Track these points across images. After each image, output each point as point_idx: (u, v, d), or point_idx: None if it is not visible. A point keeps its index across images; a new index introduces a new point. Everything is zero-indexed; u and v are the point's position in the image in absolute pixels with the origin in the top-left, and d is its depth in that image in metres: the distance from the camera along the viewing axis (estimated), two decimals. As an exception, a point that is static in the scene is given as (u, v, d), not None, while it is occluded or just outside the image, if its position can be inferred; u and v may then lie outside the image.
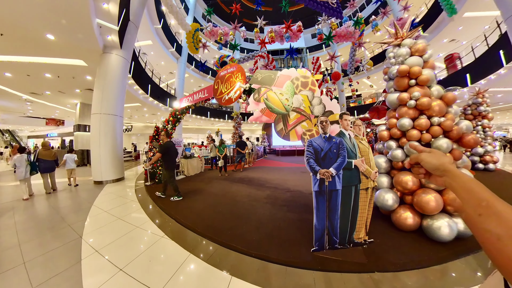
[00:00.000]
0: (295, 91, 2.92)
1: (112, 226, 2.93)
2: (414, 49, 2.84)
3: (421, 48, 2.81)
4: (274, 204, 3.86)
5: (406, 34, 3.02)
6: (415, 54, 2.84)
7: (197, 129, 25.58)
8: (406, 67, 2.79)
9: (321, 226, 2.20)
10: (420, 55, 2.83)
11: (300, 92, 2.90)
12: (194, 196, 4.49)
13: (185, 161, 7.30)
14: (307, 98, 2.84)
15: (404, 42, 2.95)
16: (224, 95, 3.75)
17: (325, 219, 2.19)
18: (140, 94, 10.56)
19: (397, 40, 3.04)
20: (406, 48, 2.89)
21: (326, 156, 2.18)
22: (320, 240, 2.21)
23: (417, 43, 2.86)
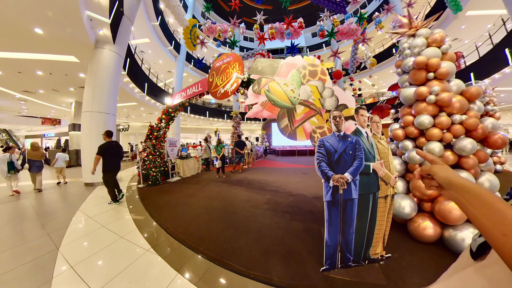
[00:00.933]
0: (302, 81, 2.53)
1: (94, 236, 2.61)
2: (431, 39, 2.56)
3: (439, 38, 2.54)
4: (276, 210, 3.54)
5: (421, 23, 2.75)
6: (432, 45, 2.57)
7: (196, 128, 25.27)
8: (424, 58, 2.49)
9: (333, 242, 1.86)
10: (438, 46, 2.56)
11: (308, 82, 2.48)
12: (188, 200, 4.17)
13: (181, 162, 6.98)
14: (316, 89, 2.42)
15: (420, 32, 2.68)
16: (220, 88, 3.42)
17: (338, 234, 1.85)
18: (137, 92, 10.27)
19: (411, 30, 2.75)
20: (422, 39, 2.61)
21: (340, 159, 1.84)
22: (332, 258, 1.87)
23: (434, 32, 2.58)
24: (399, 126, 2.91)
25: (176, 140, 6.87)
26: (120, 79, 6.57)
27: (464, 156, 2.24)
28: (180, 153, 7.38)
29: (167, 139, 6.42)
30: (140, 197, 4.37)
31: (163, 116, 6.11)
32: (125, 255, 2.16)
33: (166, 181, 6.13)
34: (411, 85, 2.71)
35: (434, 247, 2.16)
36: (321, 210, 3.47)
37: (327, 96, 2.51)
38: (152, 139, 5.99)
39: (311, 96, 2.53)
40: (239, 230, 2.76)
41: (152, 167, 5.65)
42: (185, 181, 6.15)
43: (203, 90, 4.26)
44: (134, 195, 4.59)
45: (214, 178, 6.59)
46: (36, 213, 3.55)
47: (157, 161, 5.85)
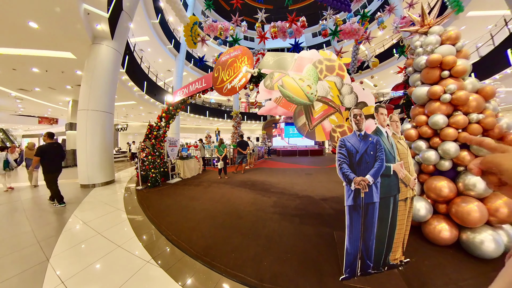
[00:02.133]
0: (319, 76, 2.34)
1: (89, 245, 2.38)
2: (445, 37, 2.49)
3: (453, 36, 2.46)
4: (284, 214, 3.34)
5: (434, 21, 2.65)
6: (446, 42, 2.49)
7: (196, 128, 25.00)
8: (439, 56, 2.40)
9: (354, 250, 1.73)
10: (453, 43, 2.47)
11: (326, 78, 2.32)
12: (191, 203, 3.94)
13: (181, 163, 6.74)
14: (334, 85, 2.25)
15: (432, 30, 2.59)
16: (226, 83, 3.20)
17: (359, 240, 1.73)
18: (136, 91, 10.02)
19: (424, 28, 2.66)
20: (435, 36, 2.53)
21: (362, 160, 1.73)
22: (352, 265, 1.74)
23: (448, 30, 2.50)
24: (411, 126, 2.80)
25: (176, 140, 6.65)
26: (118, 76, 6.34)
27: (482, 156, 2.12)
28: (180, 154, 7.15)
29: (167, 139, 6.19)
30: (139, 200, 4.14)
31: (163, 115, 5.87)
32: (123, 268, 1.94)
33: (166, 182, 5.90)
34: (423, 84, 2.62)
35: (451, 250, 2.08)
36: (331, 212, 3.36)
37: (346, 93, 2.35)
38: (152, 138, 5.76)
39: (330, 93, 2.35)
40: (247, 236, 2.55)
41: (152, 168, 5.42)
42: (186, 183, 5.92)
43: (207, 86, 4.03)
44: (132, 198, 4.35)
45: (216, 179, 6.36)
46: (27, 217, 3.31)
47: (156, 162, 5.63)
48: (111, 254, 2.17)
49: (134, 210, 3.56)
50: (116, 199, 4.28)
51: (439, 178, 2.32)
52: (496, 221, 2.02)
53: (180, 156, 7.06)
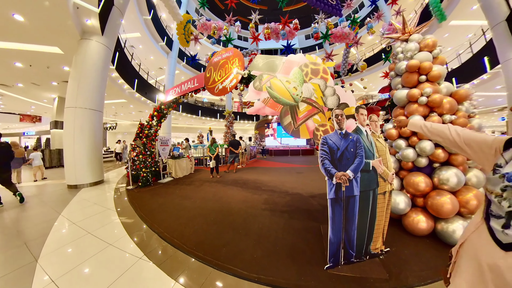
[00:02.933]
0: (305, 79, 2.52)
1: (79, 244, 2.36)
2: (423, 44, 2.72)
3: (431, 43, 2.70)
4: (274, 210, 3.46)
5: (414, 29, 2.88)
6: (424, 49, 2.73)
7: (188, 128, 24.69)
8: (417, 62, 2.64)
9: (337, 239, 1.87)
10: (430, 50, 2.72)
11: (311, 80, 2.51)
12: (183, 201, 3.97)
13: (172, 162, 6.69)
14: (318, 87, 2.45)
15: (412, 37, 2.83)
16: (218, 84, 3.27)
17: (341, 231, 1.85)
18: (126, 89, 9.80)
19: (405, 35, 2.89)
20: (415, 43, 2.75)
21: (342, 156, 1.87)
22: (335, 255, 1.88)
23: (426, 38, 2.74)
24: (392, 126, 3.01)
25: (168, 139, 6.59)
26: (108, 73, 6.20)
27: (454, 154, 2.40)
28: (172, 153, 7.09)
29: (158, 138, 6.14)
30: (130, 199, 4.10)
31: (154, 113, 5.82)
32: (115, 265, 1.96)
33: (158, 182, 5.85)
34: (404, 87, 2.83)
35: (428, 240, 2.28)
36: (319, 208, 3.53)
37: (329, 95, 2.54)
38: (143, 137, 5.71)
39: (314, 94, 2.52)
40: (238, 232, 2.64)
41: (143, 167, 5.36)
42: (178, 182, 5.90)
43: (199, 86, 4.07)
44: (123, 197, 4.29)
45: (208, 179, 6.39)
46: (12, 219, 3.20)
47: (147, 161, 5.57)
48: (102, 252, 2.18)
49: (125, 210, 3.54)
50: (105, 199, 4.21)
51: (416, 174, 2.54)
52: (467, 212, 2.23)
53: (171, 156, 7.01)
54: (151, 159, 5.73)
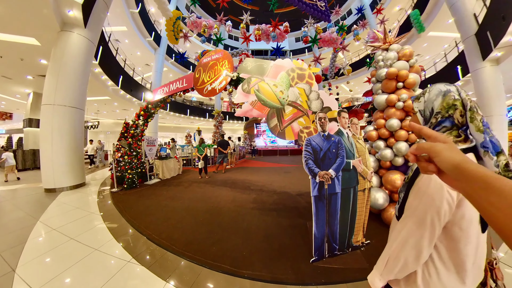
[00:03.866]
0: (291, 83, 2.65)
1: (61, 251, 2.23)
2: (401, 54, 2.95)
3: (408, 53, 2.94)
4: (262, 209, 3.54)
5: (394, 39, 3.13)
6: (402, 58, 2.96)
7: (175, 127, 24.08)
8: (395, 70, 2.86)
9: (321, 234, 1.99)
10: (407, 60, 2.95)
11: (297, 85, 2.64)
12: (171, 203, 3.90)
13: (159, 163, 6.52)
14: (304, 91, 2.59)
15: (392, 47, 3.05)
16: (207, 85, 3.28)
17: (325, 226, 1.98)
18: (110, 85, 9.37)
19: (385, 45, 3.13)
20: (394, 53, 2.99)
21: (325, 157, 2.01)
22: (320, 248, 2.01)
23: (404, 48, 2.97)
24: (373, 128, 3.28)
25: (154, 139, 6.41)
26: (90, 69, 5.90)
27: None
28: (159, 153, 6.90)
29: (145, 138, 5.96)
30: (115, 202, 3.94)
31: (141, 113, 5.65)
32: (103, 269, 1.91)
33: (144, 183, 5.68)
34: (383, 92, 3.06)
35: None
36: (305, 206, 3.67)
37: (314, 99, 2.68)
38: (128, 137, 5.50)
39: (299, 98, 2.64)
40: (227, 231, 2.68)
41: (128, 169, 5.17)
42: (165, 183, 5.77)
43: (188, 86, 4.03)
44: (107, 201, 4.11)
45: (196, 179, 6.32)
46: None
47: (133, 162, 5.38)
48: (88, 258, 2.09)
49: (110, 213, 3.40)
50: (88, 202, 4.00)
51: (394, 172, 2.77)
52: None
53: (158, 156, 6.82)
54: (137, 160, 5.55)
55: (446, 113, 0.66)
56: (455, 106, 0.64)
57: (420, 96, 0.74)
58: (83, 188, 5.19)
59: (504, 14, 5.06)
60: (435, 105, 0.68)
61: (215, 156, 10.20)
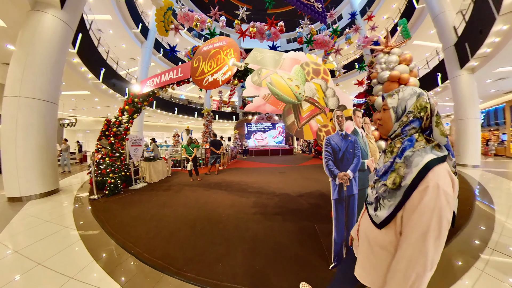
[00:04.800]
0: (307, 78, 2.41)
1: (25, 282, 1.71)
2: (402, 58, 3.06)
3: (408, 58, 3.05)
4: (265, 213, 3.29)
5: (395, 44, 3.23)
6: (403, 63, 3.05)
7: (162, 126, 22.97)
8: (398, 73, 2.95)
9: (341, 239, 1.87)
10: (407, 64, 3.05)
11: (312, 80, 2.41)
12: (162, 211, 3.44)
13: (146, 165, 5.92)
14: (320, 88, 2.38)
15: (393, 51, 3.14)
16: (207, 75, 2.91)
17: (344, 229, 1.87)
18: (90, 79, 8.49)
19: (387, 48, 3.22)
20: (395, 56, 3.07)
21: (343, 157, 1.90)
22: (339, 254, 1.89)
23: (405, 53, 3.07)
24: (374, 128, 3.27)
25: (140, 138, 5.82)
26: (66, 58, 5.19)
27: None
28: (145, 154, 6.28)
29: (129, 137, 5.35)
30: (94, 212, 3.37)
31: (126, 107, 5.03)
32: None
33: (129, 188, 5.06)
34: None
35: None
36: (308, 207, 3.55)
37: (330, 96, 2.53)
38: (110, 136, 4.88)
39: (316, 94, 2.42)
40: (232, 242, 2.36)
41: (110, 172, 4.54)
42: (153, 188, 5.22)
43: (184, 77, 3.59)
44: (86, 210, 3.53)
45: (187, 182, 5.85)
46: None
47: (116, 165, 4.76)
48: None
49: (89, 226, 2.86)
50: (62, 214, 3.37)
51: None
52: None
53: (145, 158, 6.20)
54: (120, 162, 4.94)
55: (418, 114, 0.70)
56: (426, 109, 0.69)
57: (394, 94, 0.77)
58: (56, 196, 4.44)
59: (481, 28, 5.61)
60: (409, 104, 0.71)
61: (206, 157, 9.71)
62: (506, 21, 4.92)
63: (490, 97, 11.49)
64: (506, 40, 5.41)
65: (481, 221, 2.74)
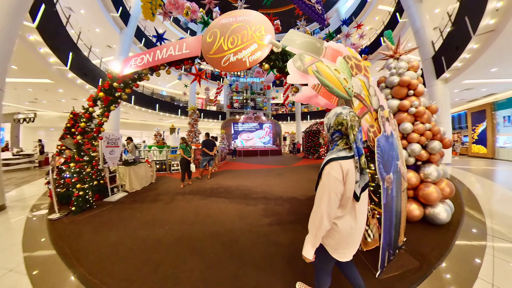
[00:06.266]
0: (352, 72, 1.99)
1: None
2: (410, 65, 3.21)
3: (416, 65, 3.19)
4: (282, 223, 2.89)
5: (403, 51, 3.37)
6: (411, 69, 3.19)
7: (141, 124, 21.03)
8: (408, 78, 3.06)
9: (386, 244, 1.76)
10: (415, 71, 3.19)
11: (357, 75, 2.08)
12: (153, 232, 2.65)
13: (125, 170, 4.81)
14: (364, 85, 2.05)
15: (402, 57, 3.29)
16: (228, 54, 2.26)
17: (387, 234, 1.76)
18: (53, 64, 7.02)
19: (397, 54, 3.36)
20: (405, 63, 3.20)
21: (388, 159, 1.82)
22: (383, 260, 1.78)
23: (412, 60, 3.23)
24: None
25: (118, 137, 4.74)
26: (18, 32, 4.02)
27: (433, 154, 2.96)
28: (122, 157, 5.06)
29: (103, 135, 4.23)
30: (55, 241, 2.42)
31: (99, 95, 3.83)
32: None
33: (104, 201, 4.05)
34: (393, 98, 3.27)
35: (421, 224, 2.72)
36: None
37: (373, 95, 2.19)
38: (76, 134, 3.75)
39: (362, 91, 2.04)
40: (262, 267, 1.85)
41: (77, 182, 3.46)
42: (136, 198, 4.27)
43: (191, 54, 2.74)
44: (41, 236, 2.56)
45: (178, 189, 5.02)
46: None
47: (84, 171, 3.64)
48: None
49: (45, 263, 1.99)
50: (6, 245, 2.38)
51: (408, 171, 2.89)
52: (443, 197, 2.81)
53: (124, 161, 5.08)
54: (91, 168, 3.81)
55: (336, 127, 1.08)
56: (343, 123, 1.05)
57: (326, 114, 1.17)
58: (1, 215, 3.31)
59: (457, 45, 6.46)
60: (331, 121, 1.11)
61: (195, 159, 8.80)
62: (479, 40, 5.70)
63: (455, 105, 12.97)
64: (475, 57, 6.31)
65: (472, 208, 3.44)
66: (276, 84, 21.00)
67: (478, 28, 5.23)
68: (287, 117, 23.29)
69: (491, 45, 5.54)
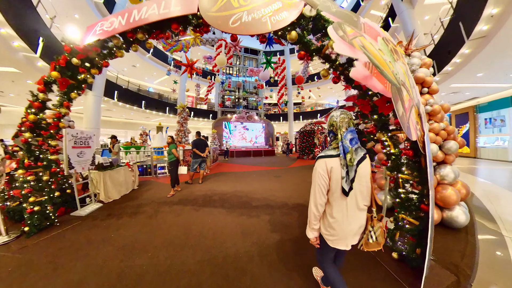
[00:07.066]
0: (393, 56, 1.60)
1: None
2: (422, 62, 3.07)
3: (428, 63, 3.04)
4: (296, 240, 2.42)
5: (414, 48, 3.21)
6: (423, 67, 3.04)
7: (125, 123, 19.68)
8: (423, 75, 2.91)
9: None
10: (427, 68, 3.03)
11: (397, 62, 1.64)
12: (131, 263, 2.02)
13: (100, 176, 3.99)
14: (405, 73, 1.64)
15: (414, 54, 3.13)
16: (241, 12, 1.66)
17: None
18: (19, 50, 6.00)
19: (408, 51, 3.20)
20: (417, 59, 3.05)
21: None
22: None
23: (424, 58, 3.08)
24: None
25: (89, 135, 3.82)
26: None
27: (448, 154, 2.84)
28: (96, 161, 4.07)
29: (68, 133, 3.27)
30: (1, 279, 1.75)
31: (52, 75, 2.77)
32: None
33: (71, 215, 3.27)
34: None
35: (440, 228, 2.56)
36: None
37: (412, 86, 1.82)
38: (24, 130, 2.81)
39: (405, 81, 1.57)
40: None
41: (30, 194, 2.64)
42: (113, 211, 3.52)
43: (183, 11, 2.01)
44: None
45: (164, 198, 4.31)
46: None
47: (41, 180, 2.82)
48: None
49: None
50: None
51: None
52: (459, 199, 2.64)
53: (97, 165, 4.14)
54: (49, 176, 2.94)
55: (329, 128, 1.23)
56: (333, 124, 1.20)
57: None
58: None
59: (450, 49, 6.57)
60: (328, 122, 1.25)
61: (184, 160, 8.07)
62: (471, 46, 5.77)
63: (440, 108, 13.98)
64: (465, 62, 6.47)
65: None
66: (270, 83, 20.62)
67: (472, 33, 5.30)
68: (280, 117, 23.01)
69: (481, 51, 5.67)
